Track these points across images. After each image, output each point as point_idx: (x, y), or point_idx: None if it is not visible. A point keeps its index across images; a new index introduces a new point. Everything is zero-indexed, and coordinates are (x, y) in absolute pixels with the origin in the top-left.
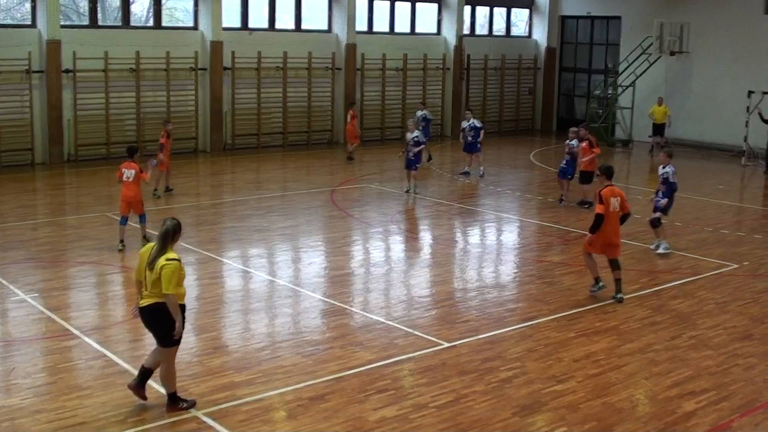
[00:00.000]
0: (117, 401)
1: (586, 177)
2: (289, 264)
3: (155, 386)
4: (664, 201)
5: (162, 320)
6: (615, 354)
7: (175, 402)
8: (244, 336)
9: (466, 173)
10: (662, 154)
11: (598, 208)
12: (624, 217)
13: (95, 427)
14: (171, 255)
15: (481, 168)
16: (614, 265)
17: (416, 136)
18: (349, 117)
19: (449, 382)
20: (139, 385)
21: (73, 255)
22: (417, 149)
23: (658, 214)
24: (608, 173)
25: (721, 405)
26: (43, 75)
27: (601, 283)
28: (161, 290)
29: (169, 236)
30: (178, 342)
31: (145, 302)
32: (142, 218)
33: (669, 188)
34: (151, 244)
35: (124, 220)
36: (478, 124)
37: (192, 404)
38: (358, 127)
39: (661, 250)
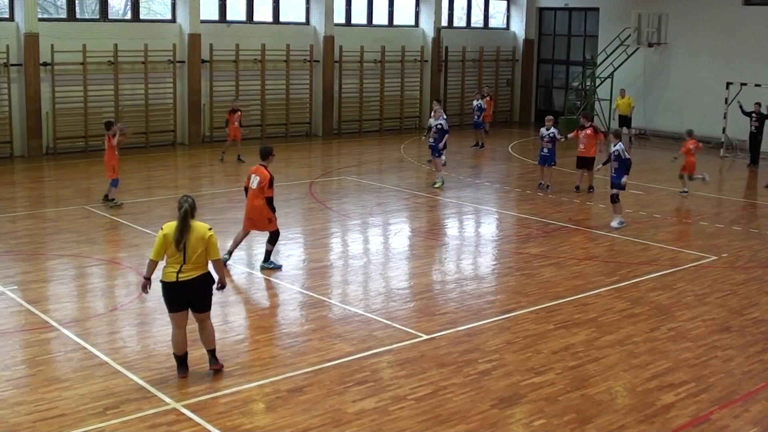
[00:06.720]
0: (96, 393)
1: (588, 163)
2: None
3: (128, 374)
4: (625, 179)
5: (209, 288)
6: (594, 346)
7: (217, 359)
8: (223, 329)
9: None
10: (611, 134)
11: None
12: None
13: (74, 419)
14: (207, 225)
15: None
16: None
17: (439, 123)
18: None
19: (428, 374)
20: (213, 361)
21: (52, 248)
22: (443, 140)
23: (615, 191)
24: (262, 154)
25: (701, 397)
26: (21, 68)
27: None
28: (205, 261)
29: (188, 214)
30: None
31: (191, 275)
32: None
33: (622, 164)
34: (172, 224)
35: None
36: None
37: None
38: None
39: (615, 224)
